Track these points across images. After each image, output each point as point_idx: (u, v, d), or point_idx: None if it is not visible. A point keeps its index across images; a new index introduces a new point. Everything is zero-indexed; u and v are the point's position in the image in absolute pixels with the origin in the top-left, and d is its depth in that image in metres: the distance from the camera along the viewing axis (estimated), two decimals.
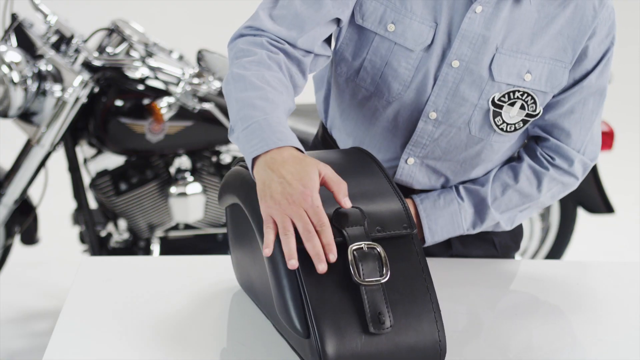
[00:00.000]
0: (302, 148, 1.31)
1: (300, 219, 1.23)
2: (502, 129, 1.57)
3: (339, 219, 1.29)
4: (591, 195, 3.27)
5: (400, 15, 1.51)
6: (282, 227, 1.23)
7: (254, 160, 1.30)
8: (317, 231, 1.23)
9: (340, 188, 1.26)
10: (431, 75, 1.54)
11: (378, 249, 1.27)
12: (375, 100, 1.58)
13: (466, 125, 1.57)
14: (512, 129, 1.58)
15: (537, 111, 1.57)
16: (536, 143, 1.65)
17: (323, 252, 1.23)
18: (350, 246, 1.26)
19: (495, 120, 1.56)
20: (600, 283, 1.68)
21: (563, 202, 3.32)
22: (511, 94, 1.54)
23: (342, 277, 1.26)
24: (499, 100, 1.54)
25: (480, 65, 1.52)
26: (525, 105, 1.55)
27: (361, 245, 1.26)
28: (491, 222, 1.64)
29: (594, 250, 4.09)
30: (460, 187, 1.64)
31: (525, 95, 1.55)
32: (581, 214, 3.42)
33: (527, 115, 1.57)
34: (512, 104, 1.55)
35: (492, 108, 1.55)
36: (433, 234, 1.61)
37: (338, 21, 1.50)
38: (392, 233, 1.31)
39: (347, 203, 1.26)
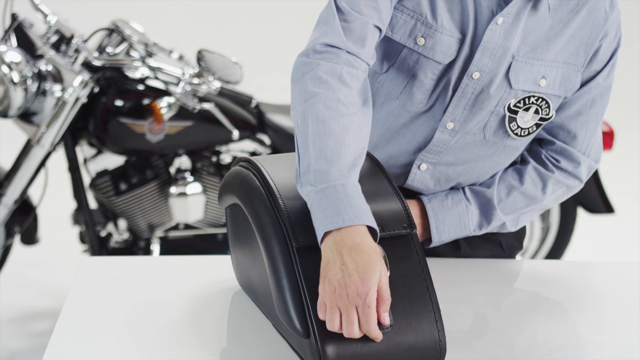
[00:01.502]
0: (375, 226, 1.25)
1: (347, 314, 1.19)
2: (516, 134, 1.58)
3: None
4: (591, 195, 3.27)
5: (431, 29, 1.51)
6: (329, 319, 1.20)
7: (326, 232, 1.24)
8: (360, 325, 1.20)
9: (383, 304, 1.21)
10: (451, 86, 1.54)
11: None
12: (396, 108, 1.58)
13: (481, 131, 1.57)
14: (526, 133, 1.59)
15: (550, 115, 1.57)
16: (541, 146, 1.65)
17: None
18: None
19: (511, 125, 1.57)
20: (600, 283, 1.68)
21: (563, 202, 3.32)
22: (526, 100, 1.55)
23: None
24: (515, 106, 1.55)
25: (498, 74, 1.52)
26: (540, 109, 1.56)
27: None
28: (497, 222, 1.64)
29: (594, 250, 4.09)
30: (467, 189, 1.64)
31: (540, 100, 1.55)
32: (581, 214, 3.42)
33: (541, 119, 1.57)
34: (527, 109, 1.56)
35: (507, 114, 1.56)
36: (440, 234, 1.61)
37: (380, 32, 1.47)
38: (392, 233, 1.31)
39: (384, 319, 1.21)
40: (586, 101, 1.59)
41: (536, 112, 1.56)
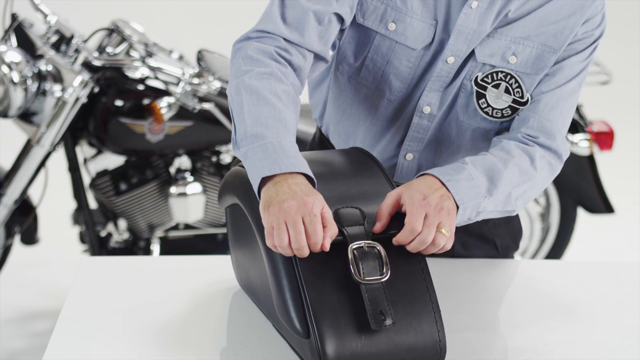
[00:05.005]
0: (313, 177, 1.30)
1: (294, 226, 1.22)
2: (487, 113, 1.55)
3: (338, 218, 1.29)
4: (591, 195, 3.27)
5: (401, 14, 1.51)
6: (277, 233, 1.23)
7: (263, 180, 1.29)
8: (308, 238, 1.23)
9: (330, 229, 1.25)
10: (427, 71, 1.54)
11: (378, 248, 1.27)
12: (377, 99, 1.59)
13: (454, 109, 1.56)
14: (499, 114, 1.56)
15: (525, 98, 1.54)
16: (517, 129, 1.56)
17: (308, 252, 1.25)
18: (350, 245, 1.26)
19: (479, 102, 1.55)
20: (600, 283, 1.68)
21: (563, 202, 3.32)
22: (494, 75, 1.53)
23: (342, 277, 1.26)
24: (482, 80, 1.53)
25: (471, 55, 1.52)
26: (511, 89, 1.53)
27: (361, 245, 1.26)
28: (504, 188, 1.46)
29: (594, 250, 4.09)
30: (467, 159, 1.48)
31: (509, 77, 1.53)
32: (581, 214, 3.42)
33: (514, 101, 1.54)
34: (496, 86, 1.54)
35: (475, 89, 1.54)
36: (462, 200, 1.40)
37: (342, 21, 1.49)
38: (392, 233, 1.31)
39: (328, 245, 1.25)
40: (563, 76, 1.53)
41: (507, 92, 1.54)
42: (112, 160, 2.85)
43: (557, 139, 1.54)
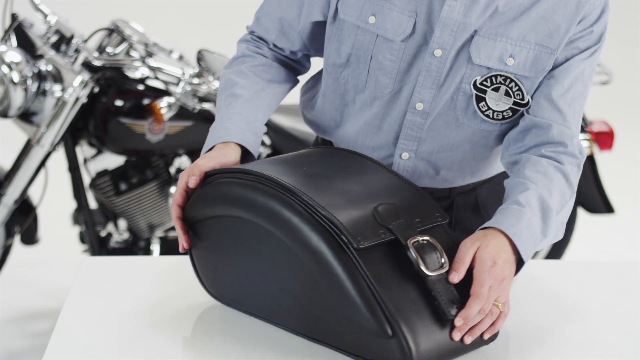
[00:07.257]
0: (241, 142, 1.50)
1: (178, 185, 1.46)
2: (487, 116, 1.54)
3: (382, 215, 1.29)
4: (591, 195, 3.27)
5: (379, 6, 1.52)
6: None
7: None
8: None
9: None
10: (415, 65, 1.53)
11: (431, 240, 1.28)
12: (368, 98, 1.58)
13: (452, 111, 1.54)
14: (500, 117, 1.54)
15: (526, 100, 1.52)
16: (537, 136, 1.54)
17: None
18: (409, 240, 1.26)
19: (480, 105, 1.53)
20: (600, 283, 1.68)
21: None
22: (493, 78, 1.52)
23: (400, 273, 1.26)
24: (481, 84, 1.52)
25: (461, 51, 1.51)
26: (511, 92, 1.52)
27: (416, 239, 1.26)
28: (554, 225, 1.46)
29: (594, 250, 4.09)
30: (521, 198, 1.43)
31: (508, 80, 1.51)
32: (581, 214, 3.42)
33: (515, 103, 1.52)
34: (496, 89, 1.52)
35: (474, 92, 1.52)
36: (526, 253, 1.40)
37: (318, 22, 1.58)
38: (430, 224, 1.32)
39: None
40: (575, 76, 1.51)
41: (507, 94, 1.52)
42: (112, 160, 2.86)
43: (573, 142, 1.52)
